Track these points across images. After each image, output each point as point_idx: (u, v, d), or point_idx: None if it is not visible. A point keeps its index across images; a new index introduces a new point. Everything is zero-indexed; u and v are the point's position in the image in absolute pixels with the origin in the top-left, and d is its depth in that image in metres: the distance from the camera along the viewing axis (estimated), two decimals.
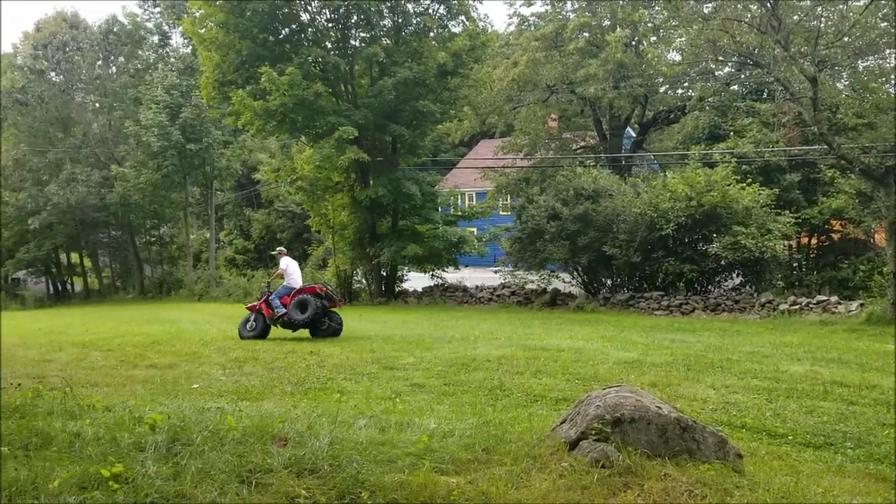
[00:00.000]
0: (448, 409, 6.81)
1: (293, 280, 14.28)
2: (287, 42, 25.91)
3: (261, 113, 24.09)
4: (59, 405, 6.36)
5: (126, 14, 41.72)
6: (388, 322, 18.22)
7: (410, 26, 26.29)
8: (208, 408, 6.29)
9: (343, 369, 9.80)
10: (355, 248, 27.67)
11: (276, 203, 43.93)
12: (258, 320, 14.06)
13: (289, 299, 13.80)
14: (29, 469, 4.62)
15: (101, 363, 10.95)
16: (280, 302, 13.85)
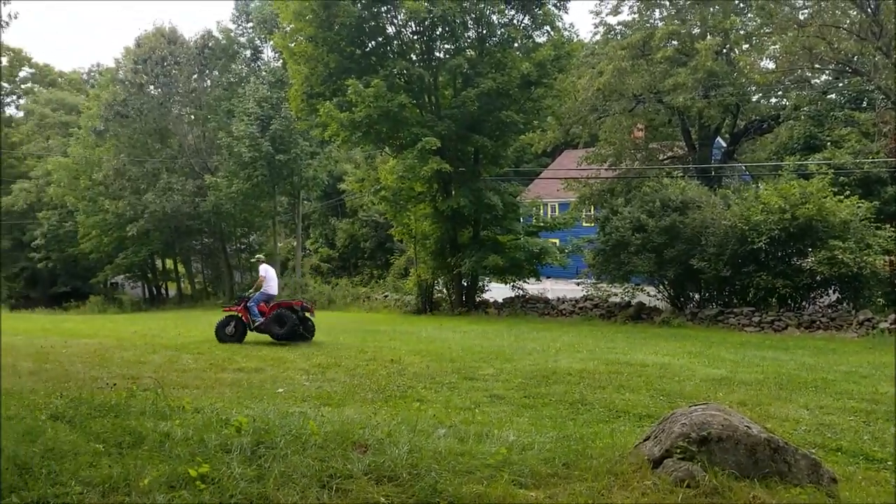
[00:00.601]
0: (528, 422, 6.73)
1: (270, 287, 15.13)
2: (373, 55, 26.36)
3: (346, 124, 24.57)
4: (150, 405, 6.61)
5: (220, 30, 43.32)
6: (468, 332, 18.21)
7: (494, 37, 26.32)
8: (291, 412, 6.41)
9: (423, 378, 9.84)
10: (436, 257, 27.79)
11: (360, 213, 44.75)
12: (237, 325, 14.83)
13: (265, 306, 14.72)
14: (122, 466, 4.80)
15: (191, 366, 11.32)
16: (257, 309, 14.66)
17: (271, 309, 14.67)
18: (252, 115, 35.99)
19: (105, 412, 6.51)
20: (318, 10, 24.29)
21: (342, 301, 33.41)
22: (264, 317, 14.60)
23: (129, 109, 40.71)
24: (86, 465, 4.90)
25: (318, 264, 45.88)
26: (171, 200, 38.78)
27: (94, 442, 5.50)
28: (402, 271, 37.36)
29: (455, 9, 24.02)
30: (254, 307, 14.72)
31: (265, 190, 38.38)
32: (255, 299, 14.87)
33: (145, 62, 40.31)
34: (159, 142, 42.90)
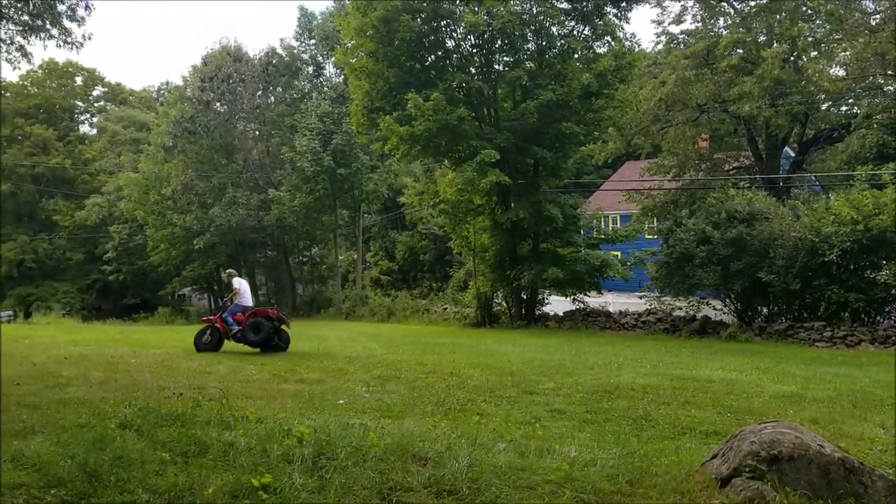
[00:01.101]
0: (590, 438, 6.60)
1: (244, 299, 15.78)
2: (433, 68, 26.55)
3: (406, 138, 24.80)
4: (215, 415, 6.71)
5: (284, 47, 44.40)
6: (527, 346, 18.05)
7: (554, 48, 26.22)
8: (352, 423, 6.43)
9: (483, 391, 9.76)
10: (496, 270, 27.69)
11: (420, 225, 45.00)
12: (213, 334, 15.37)
13: (241, 316, 15.27)
14: (187, 475, 4.87)
15: (254, 376, 11.48)
16: (233, 319, 15.25)
17: (247, 318, 15.28)
18: (314, 131, 36.67)
19: (172, 421, 6.64)
20: (378, 25, 24.62)
21: (402, 313, 33.56)
22: (240, 326, 15.22)
23: (196, 126, 41.93)
24: (153, 474, 4.99)
25: (378, 277, 46.28)
26: (236, 214, 39.71)
27: (161, 450, 5.61)
28: (462, 284, 37.38)
29: (514, 21, 24.03)
30: (228, 317, 15.35)
31: (327, 203, 39.00)
32: (230, 311, 15.48)
33: (212, 80, 41.48)
34: (225, 157, 44.02)
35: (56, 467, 5.23)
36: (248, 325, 15.12)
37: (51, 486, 4.93)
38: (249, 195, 41.05)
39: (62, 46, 14.51)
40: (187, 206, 42.15)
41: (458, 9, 25.07)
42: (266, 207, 40.35)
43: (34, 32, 14.18)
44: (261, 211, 40.44)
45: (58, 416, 7.57)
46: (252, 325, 15.16)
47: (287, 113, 41.68)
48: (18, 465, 5.55)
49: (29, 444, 6.15)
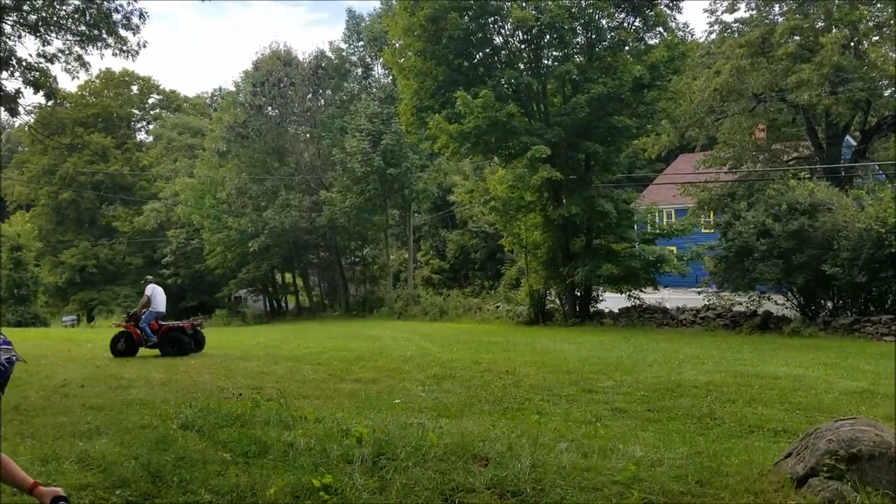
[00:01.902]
0: (654, 437, 6.40)
1: (157, 305, 15.81)
2: (481, 65, 26.43)
3: (455, 136, 24.73)
4: (274, 415, 6.72)
5: (333, 49, 44.73)
6: (583, 343, 17.79)
7: (604, 41, 25.84)
8: (410, 423, 6.37)
9: (540, 390, 9.62)
10: (548, 267, 27.42)
11: (470, 223, 44.88)
12: (127, 342, 15.47)
13: (156, 324, 15.50)
14: (248, 476, 4.87)
15: (311, 376, 11.53)
16: (149, 327, 15.37)
17: (163, 330, 15.51)
18: (364, 131, 36.90)
19: (232, 422, 6.68)
20: (426, 24, 24.60)
21: (454, 312, 33.51)
22: (157, 334, 15.42)
23: (248, 130, 42.61)
24: (214, 474, 5.00)
25: (430, 276, 46.33)
26: (289, 216, 40.20)
27: (222, 451, 5.63)
28: (514, 281, 37.15)
29: (563, 15, 23.75)
30: (146, 326, 15.42)
31: (377, 203, 39.21)
32: (145, 319, 15.53)
33: (263, 84, 42.08)
34: (277, 160, 44.62)
35: (120, 468, 5.29)
36: (167, 339, 15.44)
37: (116, 487, 4.98)
38: (301, 197, 41.51)
39: (118, 55, 14.82)
40: (241, 210, 42.83)
41: (505, 4, 24.89)
42: (318, 209, 40.75)
43: (91, 42, 14.50)
44: (313, 212, 40.85)
45: (121, 417, 7.70)
46: (172, 340, 15.49)
47: (337, 115, 42.05)
48: (84, 465, 5.63)
49: (94, 444, 6.25)
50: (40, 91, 12.60)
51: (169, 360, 14.02)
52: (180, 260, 51.88)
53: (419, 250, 49.79)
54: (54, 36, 14.24)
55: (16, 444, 6.69)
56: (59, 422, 7.68)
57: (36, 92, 12.60)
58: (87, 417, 7.80)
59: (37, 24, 13.89)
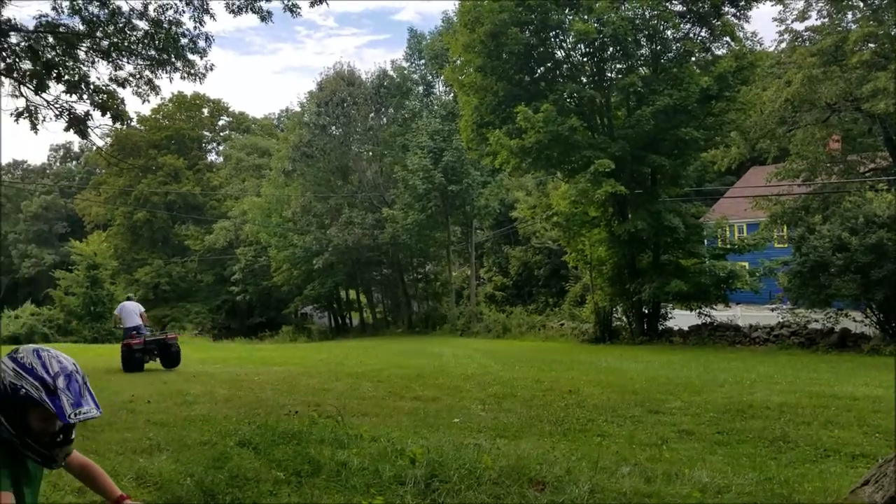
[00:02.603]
0: (722, 461, 6.06)
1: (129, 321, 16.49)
2: (542, 80, 26.23)
3: (516, 151, 24.53)
4: (330, 433, 6.65)
5: (394, 68, 45.19)
6: (651, 362, 17.28)
7: (670, 52, 25.34)
8: (466, 444, 6.20)
9: (604, 411, 9.30)
10: (614, 284, 26.86)
11: (534, 239, 44.50)
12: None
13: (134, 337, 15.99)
14: (300, 496, 4.78)
15: (371, 393, 11.47)
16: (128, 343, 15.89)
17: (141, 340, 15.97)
18: (425, 149, 37.07)
19: (288, 439, 6.64)
20: (486, 40, 24.56)
21: (517, 330, 33.15)
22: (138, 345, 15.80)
23: (313, 150, 43.34)
24: (266, 493, 4.94)
25: (493, 292, 46.04)
26: (352, 234, 40.60)
27: (276, 469, 5.58)
28: (579, 298, 36.59)
29: (626, 27, 23.37)
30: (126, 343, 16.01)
31: (439, 220, 39.28)
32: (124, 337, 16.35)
33: (327, 104, 42.77)
34: (341, 178, 45.21)
35: (176, 486, 5.28)
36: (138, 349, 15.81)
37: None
38: (364, 215, 41.89)
39: (186, 78, 15.16)
40: (306, 227, 43.49)
41: (567, 18, 24.66)
42: (380, 226, 41.04)
43: (160, 66, 14.89)
44: (375, 230, 41.15)
45: (182, 433, 7.74)
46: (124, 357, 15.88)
47: (398, 133, 42.40)
48: (142, 483, 5.65)
49: (153, 461, 6.28)
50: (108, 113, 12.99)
51: (234, 377, 14.18)
52: (248, 277, 52.93)
53: (482, 267, 49.59)
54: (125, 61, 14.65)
55: None
56: (123, 437, 7.77)
57: (104, 114, 12.99)
58: (149, 433, 7.88)
59: (109, 49, 14.31)
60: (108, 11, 13.82)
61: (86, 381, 2.40)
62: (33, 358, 2.34)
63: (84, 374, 2.42)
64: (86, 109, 13.01)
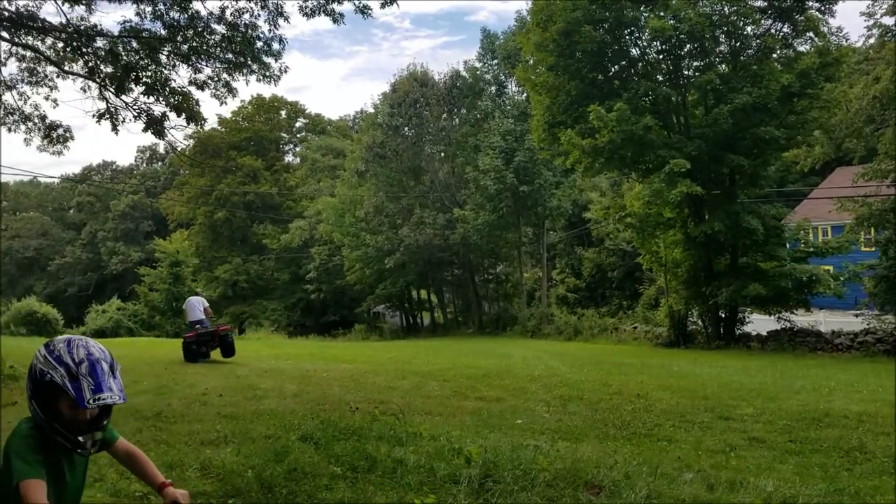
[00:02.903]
0: (792, 470, 5.81)
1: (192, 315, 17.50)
2: (616, 78, 25.79)
3: (588, 151, 24.17)
4: (388, 431, 6.68)
5: (467, 69, 45.19)
6: (725, 368, 16.76)
7: (750, 49, 24.52)
8: (525, 445, 6.13)
9: (672, 416, 9.07)
10: (689, 287, 26.16)
11: (607, 241, 43.84)
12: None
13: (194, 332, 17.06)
14: (354, 491, 4.81)
15: (436, 392, 11.50)
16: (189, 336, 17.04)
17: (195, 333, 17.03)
18: (497, 149, 36.96)
19: (348, 435, 6.71)
20: (558, 39, 24.31)
21: (588, 332, 32.69)
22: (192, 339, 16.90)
23: (386, 150, 43.78)
24: (322, 488, 4.98)
25: (565, 294, 45.57)
26: (423, 234, 40.80)
27: (334, 464, 5.63)
28: (653, 301, 35.83)
29: (703, 23, 22.73)
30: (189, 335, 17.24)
31: (510, 221, 39.09)
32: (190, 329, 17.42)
33: (400, 105, 43.12)
34: (413, 179, 45.52)
35: (237, 477, 5.39)
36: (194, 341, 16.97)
37: (229, 496, 5.06)
38: (436, 215, 42.04)
39: (261, 80, 15.51)
40: (378, 227, 43.91)
41: (642, 15, 24.18)
42: (451, 226, 41.10)
43: (237, 69, 15.28)
44: (447, 230, 41.24)
45: (249, 427, 7.92)
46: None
47: (471, 133, 42.39)
48: (205, 473, 5.80)
49: (219, 453, 6.45)
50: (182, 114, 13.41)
51: (304, 373, 14.43)
52: (323, 276, 53.86)
53: (554, 268, 49.14)
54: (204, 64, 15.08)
55: (150, 448, 7.01)
56: (193, 429, 8.01)
57: (179, 115, 13.42)
58: (217, 426, 8.09)
59: (188, 53, 14.77)
60: (188, 16, 14.25)
61: (114, 368, 2.46)
62: (62, 346, 2.44)
63: (114, 362, 2.49)
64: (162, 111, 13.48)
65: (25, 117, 14.81)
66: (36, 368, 2.41)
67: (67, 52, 13.19)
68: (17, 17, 12.82)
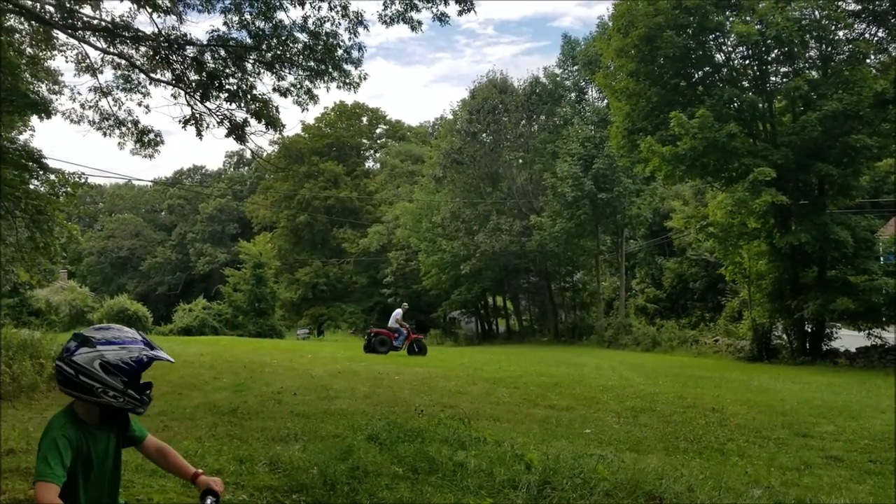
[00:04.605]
0: (868, 491, 5.56)
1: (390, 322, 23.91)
2: (699, 84, 25.21)
3: (669, 158, 23.67)
4: (453, 434, 6.74)
5: (547, 75, 44.91)
6: (808, 384, 16.13)
7: (841, 54, 23.56)
8: (589, 454, 6.08)
9: (747, 430, 8.81)
10: (774, 299, 25.29)
11: (689, 251, 42.79)
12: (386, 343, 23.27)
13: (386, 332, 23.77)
14: (413, 492, 4.88)
15: (505, 399, 11.50)
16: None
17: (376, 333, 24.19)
18: (575, 156, 36.61)
19: (413, 437, 6.79)
20: (640, 44, 23.96)
21: (667, 344, 31.97)
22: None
23: (464, 157, 43.94)
24: (383, 487, 5.07)
25: (644, 304, 44.66)
26: (499, 240, 40.72)
27: (396, 465, 5.72)
28: (736, 314, 34.76)
29: (791, 28, 21.96)
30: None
31: (588, 229, 38.62)
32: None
33: (479, 112, 43.24)
34: (490, 185, 45.54)
35: (302, 474, 5.54)
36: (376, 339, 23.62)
37: (293, 491, 5.22)
38: (512, 222, 41.92)
39: (342, 87, 15.86)
40: (455, 233, 44.04)
41: (727, 20, 23.57)
42: (528, 233, 40.89)
43: (319, 76, 15.67)
44: (523, 237, 41.06)
45: (319, 425, 8.12)
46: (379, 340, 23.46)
47: (549, 140, 42.11)
48: (273, 468, 5.99)
49: (287, 449, 6.64)
50: (262, 120, 13.84)
51: (376, 375, 14.65)
52: (399, 280, 54.43)
53: (633, 278, 48.26)
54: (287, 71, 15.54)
55: (224, 443, 7.28)
56: (265, 426, 8.26)
57: (259, 121, 13.86)
58: (288, 423, 8.32)
59: (272, 61, 15.25)
60: (272, 25, 14.72)
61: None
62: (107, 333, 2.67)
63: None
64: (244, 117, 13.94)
65: (119, 122, 15.56)
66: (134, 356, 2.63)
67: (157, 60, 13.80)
68: (112, 27, 13.52)
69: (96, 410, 2.64)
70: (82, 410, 2.64)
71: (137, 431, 2.83)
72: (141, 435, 2.84)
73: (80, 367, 2.55)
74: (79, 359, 2.56)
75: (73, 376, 2.56)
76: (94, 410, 2.64)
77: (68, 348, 2.61)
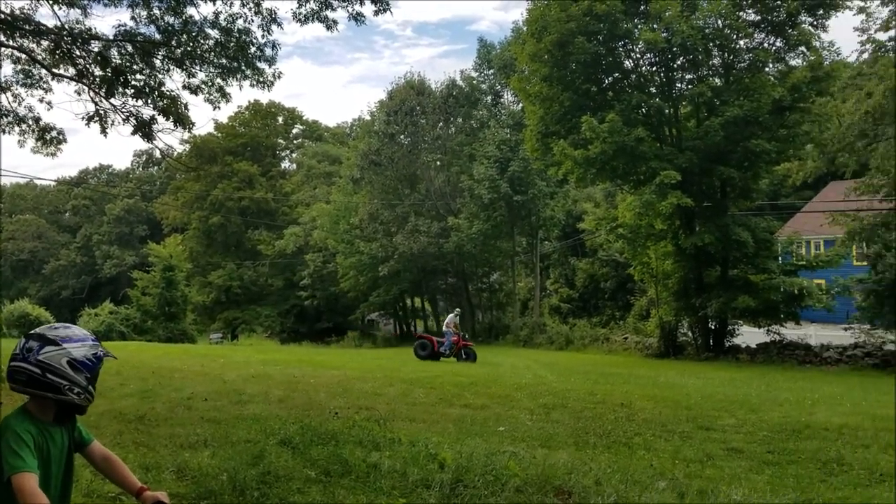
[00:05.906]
0: (766, 481, 5.84)
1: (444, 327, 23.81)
2: (609, 90, 25.93)
3: (580, 161, 24.27)
4: (367, 436, 6.70)
5: (464, 78, 45.31)
6: (711, 379, 16.81)
7: (742, 63, 24.67)
8: (501, 451, 6.16)
9: (653, 425, 9.11)
10: (679, 298, 26.25)
11: (600, 252, 43.92)
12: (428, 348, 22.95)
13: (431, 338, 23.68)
14: (326, 495, 4.83)
15: (422, 399, 11.51)
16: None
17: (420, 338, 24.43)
18: (491, 158, 37.06)
19: (326, 440, 6.72)
20: (553, 49, 24.45)
21: (580, 342, 32.74)
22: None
23: (381, 158, 43.80)
24: (294, 491, 5.00)
25: (558, 304, 45.58)
26: (417, 242, 40.75)
27: (309, 468, 5.65)
28: (644, 312, 35.91)
29: (696, 36, 22.88)
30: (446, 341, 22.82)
31: (504, 230, 39.16)
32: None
33: (396, 113, 43.20)
34: (408, 187, 45.55)
35: (211, 480, 5.41)
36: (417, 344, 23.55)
37: (202, 498, 5.08)
38: (430, 223, 42.03)
39: (255, 86, 15.53)
40: (373, 235, 43.83)
41: (636, 28, 24.33)
42: (446, 235, 41.10)
43: (231, 74, 15.31)
44: (441, 238, 41.24)
45: (230, 431, 7.92)
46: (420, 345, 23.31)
47: (466, 142, 42.48)
48: (181, 476, 5.81)
49: (196, 456, 6.45)
50: (170, 117, 13.44)
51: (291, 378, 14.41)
52: (317, 283, 53.75)
53: (548, 278, 49.17)
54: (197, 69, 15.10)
55: (130, 451, 7.02)
56: (174, 432, 8.01)
57: (166, 118, 13.45)
58: (198, 430, 8.09)
59: (182, 58, 14.79)
60: (182, 21, 14.29)
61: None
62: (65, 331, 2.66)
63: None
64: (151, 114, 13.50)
65: (20, 119, 14.81)
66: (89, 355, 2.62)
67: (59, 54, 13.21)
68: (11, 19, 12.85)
69: (51, 411, 2.60)
70: (36, 410, 2.58)
71: (84, 434, 2.76)
72: (88, 438, 2.77)
73: (48, 365, 2.54)
74: (45, 357, 2.54)
75: (40, 375, 2.54)
76: (48, 411, 2.59)
77: (30, 348, 2.57)
